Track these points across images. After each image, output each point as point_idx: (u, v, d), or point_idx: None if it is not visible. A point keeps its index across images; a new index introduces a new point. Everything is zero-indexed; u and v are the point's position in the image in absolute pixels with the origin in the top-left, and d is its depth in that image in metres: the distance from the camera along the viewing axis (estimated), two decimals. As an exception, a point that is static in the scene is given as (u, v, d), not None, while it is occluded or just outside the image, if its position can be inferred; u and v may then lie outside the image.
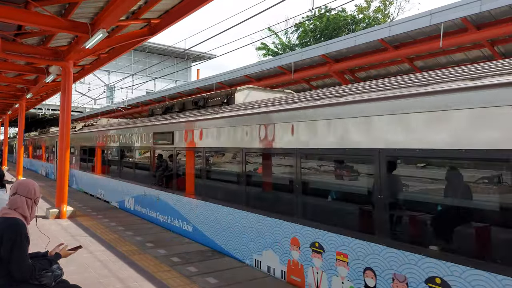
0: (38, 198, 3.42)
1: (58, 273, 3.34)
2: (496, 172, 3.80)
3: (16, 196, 3.25)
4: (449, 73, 4.30)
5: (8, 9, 7.61)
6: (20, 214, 3.18)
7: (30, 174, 24.35)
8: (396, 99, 4.21)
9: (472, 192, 3.99)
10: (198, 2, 7.29)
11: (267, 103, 6.61)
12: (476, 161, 3.79)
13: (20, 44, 10.44)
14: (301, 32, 39.71)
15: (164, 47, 40.89)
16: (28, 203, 3.26)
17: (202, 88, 20.39)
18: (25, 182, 3.39)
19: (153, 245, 7.53)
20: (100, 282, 5.46)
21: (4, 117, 30.53)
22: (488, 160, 3.59)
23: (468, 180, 4.11)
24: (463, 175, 4.11)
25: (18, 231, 3.05)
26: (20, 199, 3.24)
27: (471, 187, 4.04)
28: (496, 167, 3.74)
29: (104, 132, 13.86)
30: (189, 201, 8.31)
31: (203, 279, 5.61)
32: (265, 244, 6.03)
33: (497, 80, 3.44)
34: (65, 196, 10.43)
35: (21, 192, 3.27)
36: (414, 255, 3.94)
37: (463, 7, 8.53)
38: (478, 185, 4.03)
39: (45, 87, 17.16)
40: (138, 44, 10.26)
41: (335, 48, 11.64)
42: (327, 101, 5.14)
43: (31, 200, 3.30)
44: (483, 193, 4.04)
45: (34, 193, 3.35)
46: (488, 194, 3.97)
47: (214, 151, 7.89)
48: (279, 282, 5.54)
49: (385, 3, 36.18)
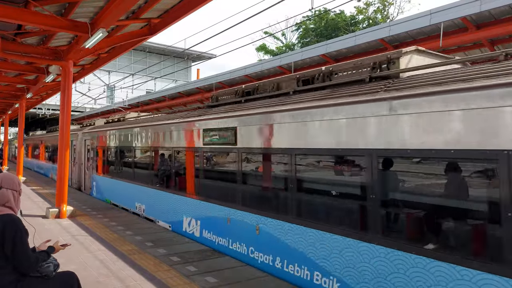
0: (21, 190, 3.47)
1: (56, 263, 3.44)
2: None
3: (3, 190, 3.27)
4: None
5: (8, 9, 7.61)
6: (9, 208, 3.22)
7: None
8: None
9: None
10: (198, 1, 7.29)
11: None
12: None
13: (20, 44, 10.44)
14: (301, 31, 39.74)
15: (164, 47, 40.90)
16: (14, 196, 3.31)
17: (202, 88, 20.42)
18: (8, 175, 3.43)
19: (152, 244, 7.54)
20: (99, 281, 5.46)
21: (4, 117, 30.54)
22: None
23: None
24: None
25: (17, 227, 3.10)
26: (7, 192, 3.27)
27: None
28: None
29: (148, 129, 10.33)
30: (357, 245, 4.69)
31: (202, 279, 5.61)
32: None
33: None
34: (65, 196, 10.44)
35: (6, 185, 3.30)
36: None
37: (463, 7, 8.54)
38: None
39: (45, 87, 17.16)
40: (138, 44, 10.25)
41: (335, 47, 11.67)
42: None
43: (16, 192, 3.35)
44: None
45: (18, 184, 3.40)
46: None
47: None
48: (279, 282, 5.54)
49: (384, 4, 36.23)
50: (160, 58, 43.54)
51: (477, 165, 3.86)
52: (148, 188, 10.34)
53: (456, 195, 4.12)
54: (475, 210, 3.98)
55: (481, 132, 3.57)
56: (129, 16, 8.83)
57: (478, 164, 3.82)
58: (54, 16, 8.22)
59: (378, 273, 4.36)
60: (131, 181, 11.43)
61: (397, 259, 4.19)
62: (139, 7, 8.34)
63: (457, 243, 4.06)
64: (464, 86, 3.77)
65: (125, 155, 12.32)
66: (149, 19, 9.12)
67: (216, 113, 7.61)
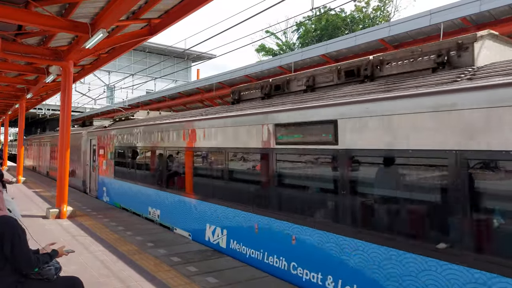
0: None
1: (58, 266, 3.44)
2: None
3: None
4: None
5: (8, 9, 7.62)
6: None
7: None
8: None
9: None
10: (198, 2, 7.30)
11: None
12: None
13: (20, 44, 10.44)
14: (302, 31, 39.78)
15: (164, 47, 40.91)
16: (0, 196, 3.33)
17: (202, 88, 20.42)
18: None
19: (153, 244, 7.54)
20: (100, 282, 5.46)
21: (4, 117, 30.55)
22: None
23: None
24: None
25: (13, 227, 3.11)
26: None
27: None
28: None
29: (176, 126, 8.96)
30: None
31: (203, 279, 5.61)
32: None
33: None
34: (65, 196, 10.44)
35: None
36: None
37: (463, 7, 8.55)
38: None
39: (45, 87, 17.17)
40: (138, 44, 10.26)
41: (335, 48, 11.68)
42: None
43: (1, 192, 3.37)
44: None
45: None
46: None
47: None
48: (279, 282, 5.54)
49: (384, 2, 36.31)
50: (160, 58, 43.56)
51: None
52: (164, 192, 9.35)
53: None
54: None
55: None
56: (129, 16, 8.84)
57: None
58: (55, 16, 8.22)
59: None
60: (144, 185, 10.50)
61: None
62: (139, 7, 8.35)
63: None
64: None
65: (137, 157, 11.20)
66: (149, 20, 9.13)
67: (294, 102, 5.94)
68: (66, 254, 3.64)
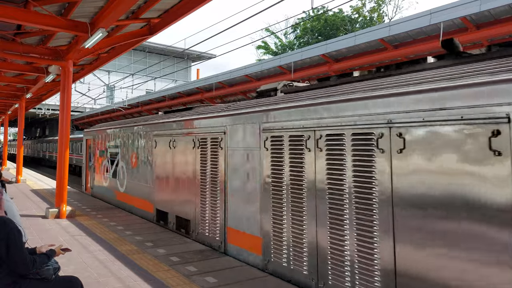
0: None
1: (56, 266, 3.43)
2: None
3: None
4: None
5: (7, 9, 7.60)
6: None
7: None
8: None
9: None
10: (198, 1, 7.29)
11: None
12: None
13: (20, 44, 10.43)
14: (300, 30, 39.74)
15: (164, 47, 40.93)
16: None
17: (202, 88, 20.42)
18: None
19: (152, 244, 7.53)
20: (99, 281, 5.45)
21: (4, 117, 30.53)
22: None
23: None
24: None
25: (8, 228, 3.10)
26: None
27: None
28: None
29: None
30: None
31: (202, 279, 5.60)
32: None
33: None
34: (65, 196, 10.43)
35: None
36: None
37: (463, 7, 8.55)
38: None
39: (44, 87, 17.15)
40: (138, 44, 10.25)
41: (335, 47, 11.68)
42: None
43: (0, 193, 3.36)
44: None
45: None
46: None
47: None
48: (279, 281, 5.54)
49: (379, 3, 36.35)
50: (160, 58, 43.57)
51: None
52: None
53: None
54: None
55: None
56: (129, 16, 8.83)
57: None
58: (54, 16, 8.21)
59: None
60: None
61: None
62: (138, 7, 8.34)
63: None
64: None
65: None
66: (148, 19, 9.12)
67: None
68: (63, 253, 3.63)
